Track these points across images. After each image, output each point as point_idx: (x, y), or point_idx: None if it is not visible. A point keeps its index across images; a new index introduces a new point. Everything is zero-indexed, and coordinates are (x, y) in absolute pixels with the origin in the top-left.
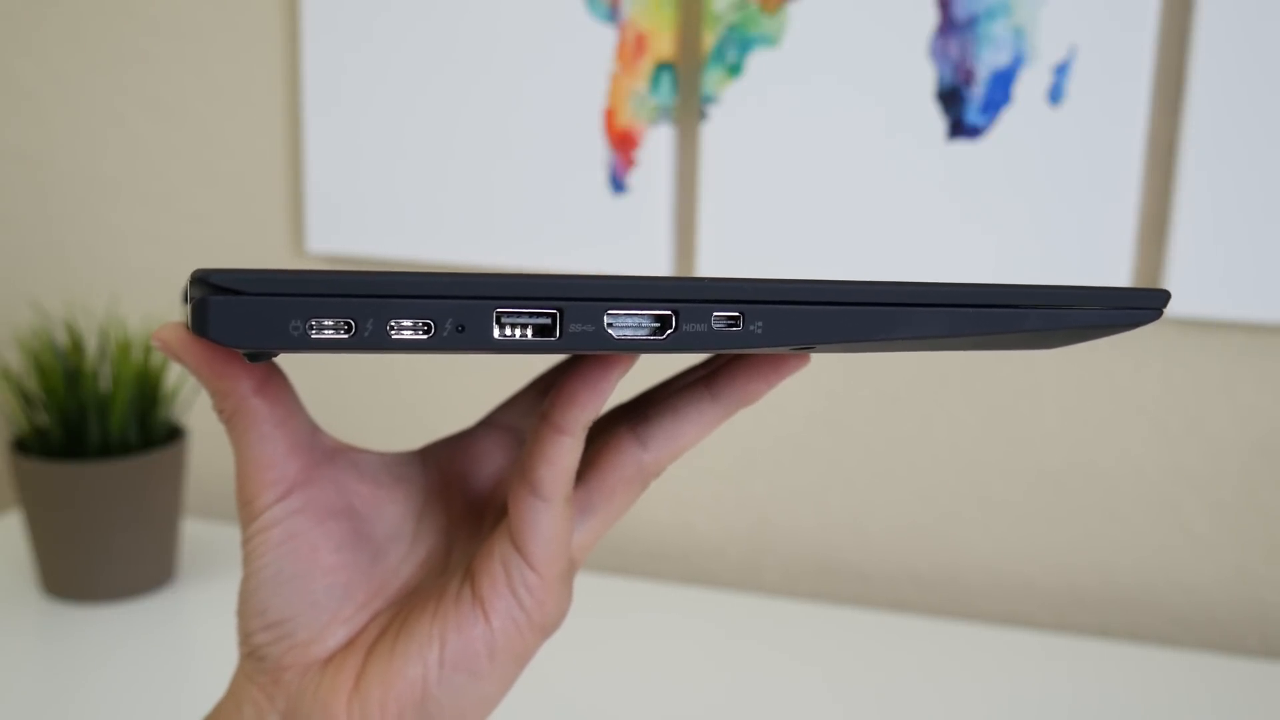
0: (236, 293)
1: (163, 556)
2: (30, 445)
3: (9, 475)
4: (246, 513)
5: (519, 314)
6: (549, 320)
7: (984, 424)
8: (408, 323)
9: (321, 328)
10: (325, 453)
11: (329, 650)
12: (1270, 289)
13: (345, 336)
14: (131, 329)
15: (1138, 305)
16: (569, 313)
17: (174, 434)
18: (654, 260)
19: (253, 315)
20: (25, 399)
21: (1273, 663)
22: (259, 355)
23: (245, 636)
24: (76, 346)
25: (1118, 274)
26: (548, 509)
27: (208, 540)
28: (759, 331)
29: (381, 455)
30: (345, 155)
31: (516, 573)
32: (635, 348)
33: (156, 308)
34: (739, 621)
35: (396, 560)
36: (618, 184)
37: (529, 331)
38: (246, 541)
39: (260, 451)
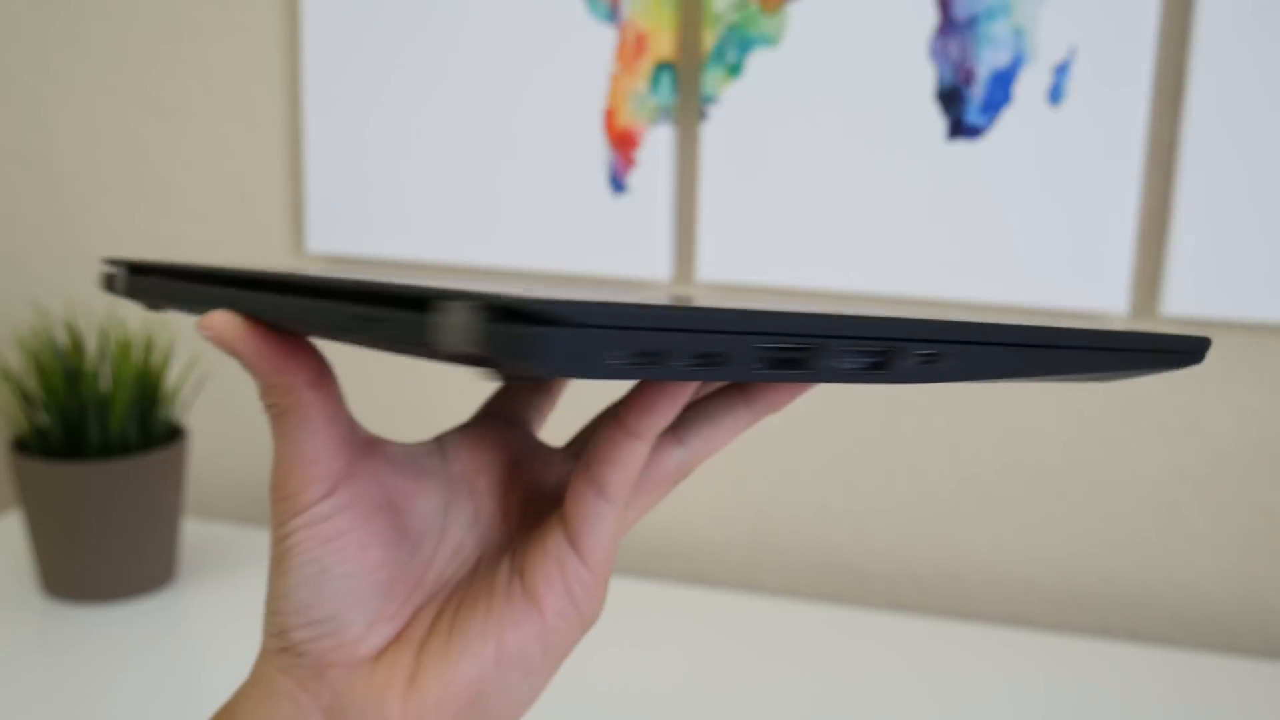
0: (562, 323)
1: (163, 556)
2: (30, 445)
3: (9, 475)
4: (288, 507)
5: (783, 348)
6: (799, 355)
7: (984, 424)
8: (694, 357)
9: (640, 359)
10: (363, 446)
11: (376, 648)
12: (1270, 289)
13: (653, 366)
14: (131, 329)
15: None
16: (821, 349)
17: (174, 434)
18: (654, 260)
19: (575, 347)
20: (25, 399)
21: (1273, 663)
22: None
23: (281, 631)
24: (76, 346)
25: (1118, 274)
26: (611, 510)
27: (208, 540)
28: (946, 368)
29: (405, 447)
30: (345, 155)
31: (571, 570)
32: (843, 378)
33: None
34: (739, 621)
35: (430, 553)
36: (618, 184)
37: (787, 365)
38: (287, 536)
39: (310, 446)
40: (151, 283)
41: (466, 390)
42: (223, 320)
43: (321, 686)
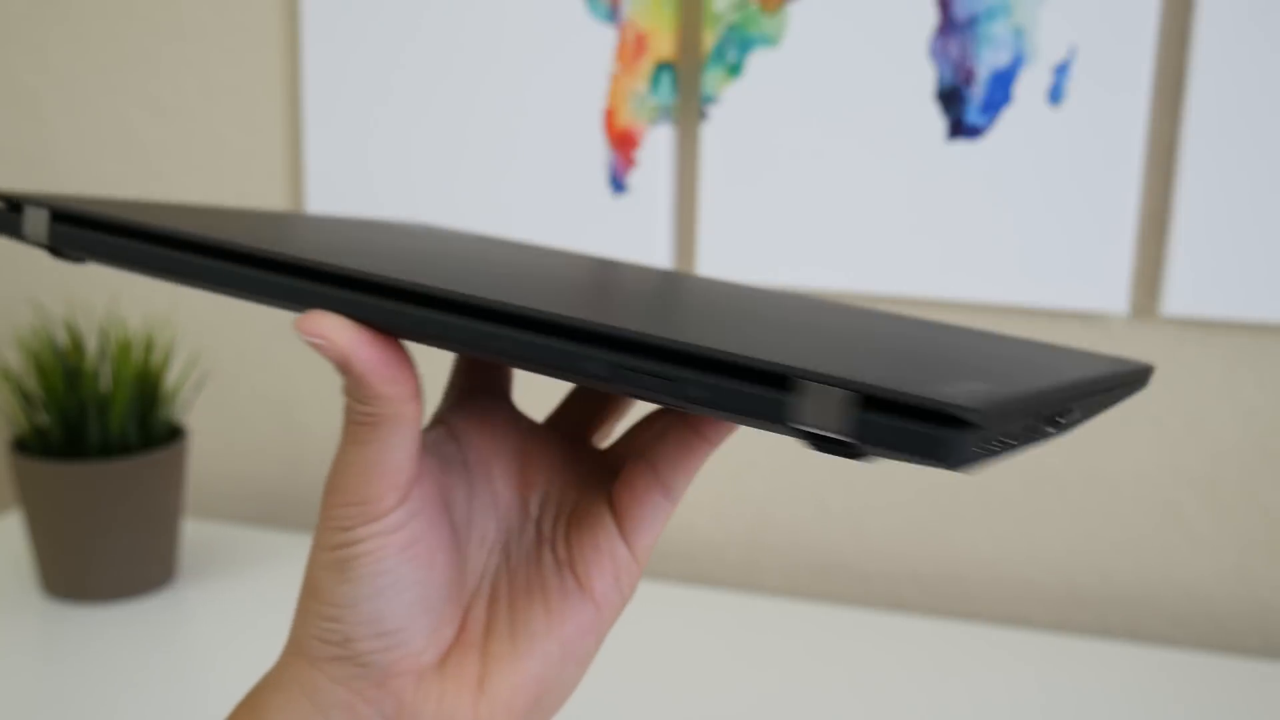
0: (972, 425)
1: (163, 556)
2: (30, 445)
3: (9, 475)
4: (359, 513)
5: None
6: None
7: None
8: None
9: (1011, 439)
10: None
11: (440, 653)
12: (1270, 289)
13: (1017, 443)
14: (131, 329)
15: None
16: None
17: (174, 434)
18: (654, 260)
19: (969, 445)
20: (25, 399)
21: (1273, 663)
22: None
23: (343, 641)
24: (76, 346)
25: (1118, 274)
26: (671, 509)
27: (208, 540)
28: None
29: (427, 436)
30: (345, 156)
31: (622, 563)
32: None
33: (156, 308)
34: (739, 621)
35: (468, 547)
36: (618, 184)
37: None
38: (355, 543)
39: (397, 455)
40: (88, 238)
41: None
42: (333, 327)
43: (385, 696)
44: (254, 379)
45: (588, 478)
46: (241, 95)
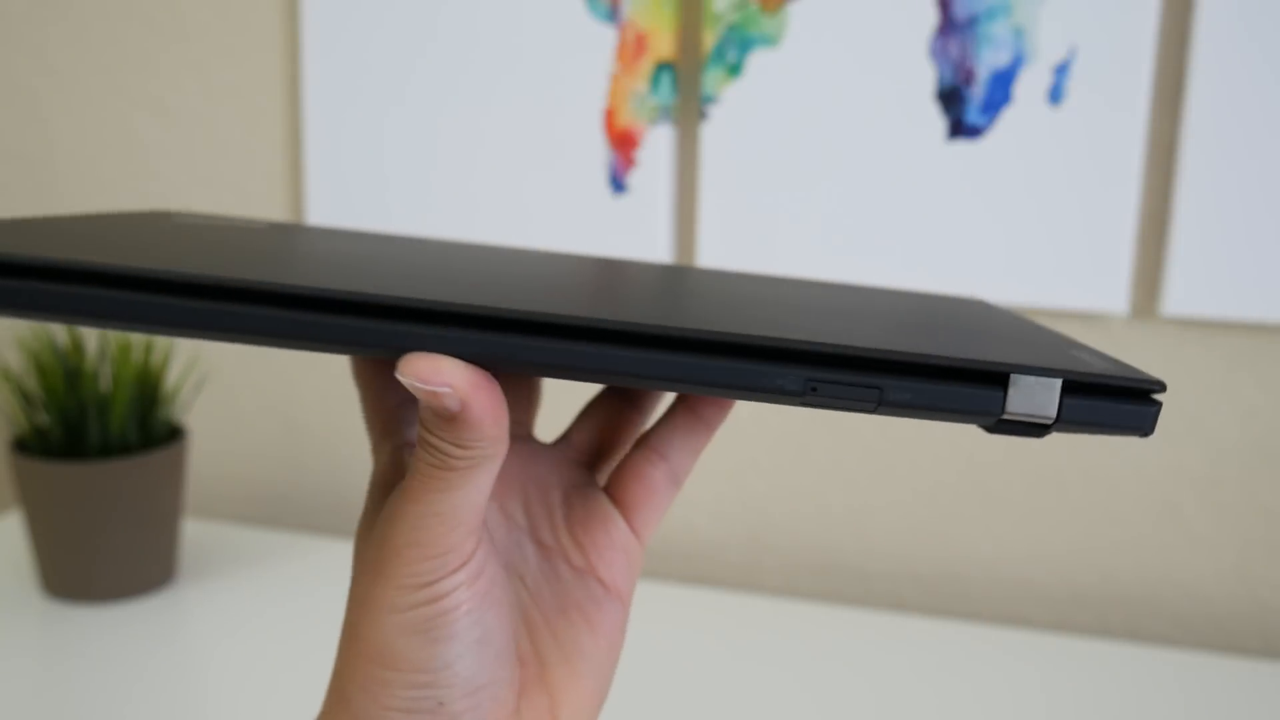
0: (1144, 397)
1: (163, 556)
2: (30, 445)
3: (9, 475)
4: (444, 565)
5: None
6: None
7: None
8: None
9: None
10: None
11: (517, 699)
12: (1270, 289)
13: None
14: None
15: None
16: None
17: (174, 434)
18: (653, 260)
19: (1151, 413)
20: (25, 399)
21: (1273, 663)
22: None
23: (436, 709)
24: (76, 346)
25: (1118, 274)
26: (676, 493)
27: (208, 540)
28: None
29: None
30: (345, 156)
31: (634, 554)
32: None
33: None
34: (739, 621)
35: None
36: (618, 184)
37: None
38: (441, 598)
39: (482, 496)
40: (34, 290)
41: None
42: (453, 372)
43: None
44: (254, 379)
45: (555, 474)
46: (242, 96)
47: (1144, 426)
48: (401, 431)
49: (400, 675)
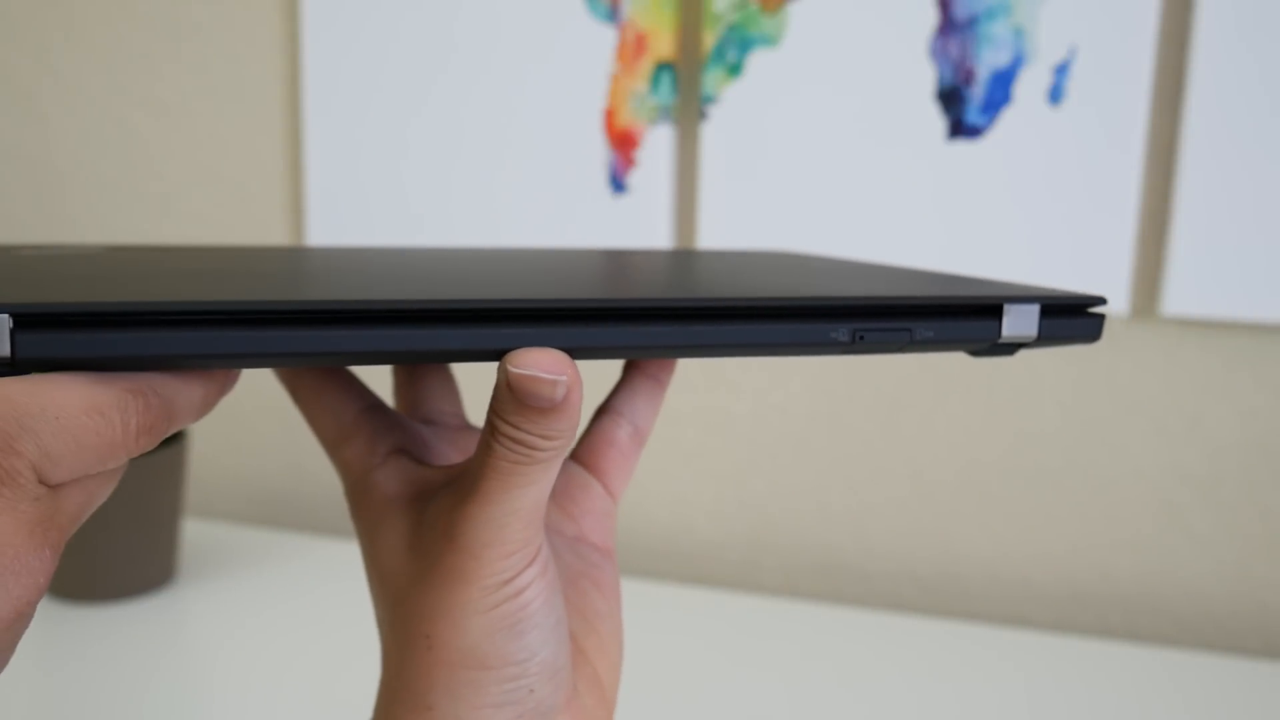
0: (1091, 311)
1: (163, 556)
2: None
3: None
4: (523, 559)
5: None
6: None
7: (984, 424)
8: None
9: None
10: None
11: (574, 672)
12: (1270, 289)
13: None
14: None
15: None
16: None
17: (174, 434)
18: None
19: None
20: None
21: (1273, 663)
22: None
23: (527, 697)
24: None
25: (1118, 274)
26: (640, 452)
27: (208, 540)
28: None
29: (413, 467)
30: (345, 156)
31: (612, 513)
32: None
33: None
34: (739, 621)
35: None
36: (618, 184)
37: None
38: (520, 593)
39: (550, 490)
40: (80, 339)
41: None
42: (567, 363)
43: None
44: (254, 379)
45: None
46: (241, 95)
47: (1097, 333)
48: (363, 437)
49: (491, 673)
